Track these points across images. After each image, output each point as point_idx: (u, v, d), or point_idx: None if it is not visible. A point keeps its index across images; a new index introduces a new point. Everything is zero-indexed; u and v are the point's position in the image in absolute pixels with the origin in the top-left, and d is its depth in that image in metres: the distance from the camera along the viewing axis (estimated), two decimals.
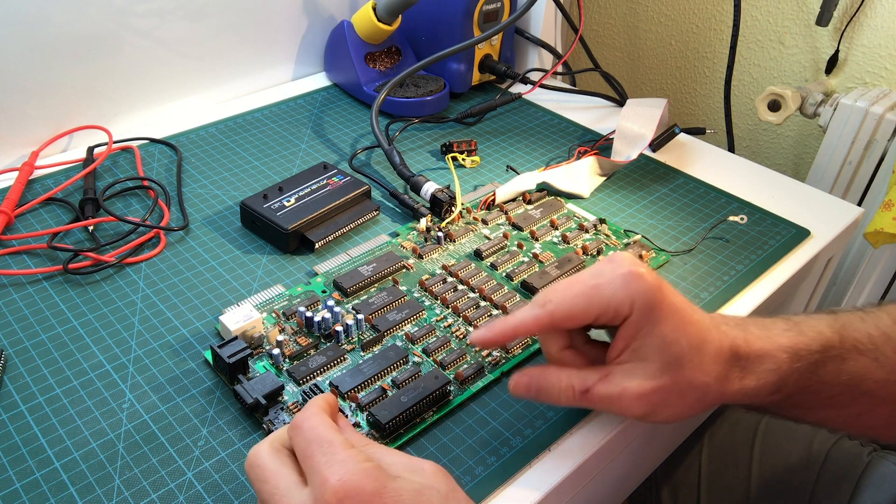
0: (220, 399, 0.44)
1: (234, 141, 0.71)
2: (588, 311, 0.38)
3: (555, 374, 0.40)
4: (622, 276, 0.38)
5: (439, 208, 0.59)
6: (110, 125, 0.70)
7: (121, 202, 0.61)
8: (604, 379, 0.39)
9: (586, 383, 0.39)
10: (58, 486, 0.39)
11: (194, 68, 0.75)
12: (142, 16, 0.69)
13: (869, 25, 0.84)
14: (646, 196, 0.65)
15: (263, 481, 0.32)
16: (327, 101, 0.79)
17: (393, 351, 0.46)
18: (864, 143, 0.81)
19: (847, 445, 0.58)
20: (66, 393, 0.44)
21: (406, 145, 0.71)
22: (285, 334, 0.48)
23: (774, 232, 0.61)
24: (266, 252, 0.56)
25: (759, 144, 1.00)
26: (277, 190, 0.59)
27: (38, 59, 0.64)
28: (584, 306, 0.38)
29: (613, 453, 0.45)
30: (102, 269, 0.53)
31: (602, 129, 0.76)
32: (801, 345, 0.40)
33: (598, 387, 0.39)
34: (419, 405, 0.42)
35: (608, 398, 0.39)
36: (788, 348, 0.40)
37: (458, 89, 0.80)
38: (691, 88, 1.04)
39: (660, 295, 0.38)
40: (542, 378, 0.40)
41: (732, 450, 0.61)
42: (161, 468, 0.40)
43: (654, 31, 1.04)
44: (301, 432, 0.33)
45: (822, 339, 0.41)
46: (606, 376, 0.39)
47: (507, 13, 0.79)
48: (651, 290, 0.38)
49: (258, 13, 0.77)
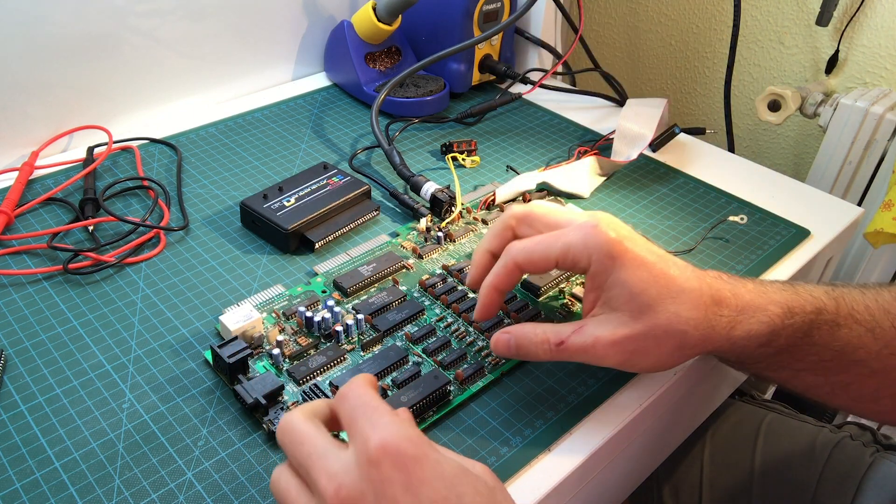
0: (220, 399, 0.44)
1: (234, 141, 0.71)
2: (547, 257, 0.41)
3: (531, 328, 0.42)
4: (580, 227, 0.40)
5: (439, 208, 0.59)
6: (110, 125, 0.70)
7: (121, 202, 0.61)
8: (578, 330, 0.41)
9: (561, 335, 0.41)
10: (58, 486, 0.39)
11: (194, 68, 0.75)
12: (142, 16, 0.69)
13: (869, 25, 0.84)
14: (646, 196, 0.65)
15: (299, 443, 0.32)
16: (327, 101, 0.79)
17: (393, 351, 0.46)
18: (864, 143, 0.81)
19: (850, 445, 0.58)
20: (66, 393, 0.44)
21: (406, 145, 0.71)
22: (285, 334, 0.48)
23: (774, 232, 0.61)
24: (266, 252, 0.56)
25: (759, 144, 1.00)
26: (277, 190, 0.59)
27: (38, 59, 0.64)
28: (543, 252, 0.41)
29: (614, 452, 0.45)
30: (102, 269, 0.53)
31: (602, 129, 0.76)
32: (795, 303, 0.41)
33: (572, 338, 0.40)
34: (419, 405, 0.42)
35: (583, 348, 0.40)
36: (782, 304, 0.40)
37: (458, 89, 0.80)
38: (691, 88, 1.04)
39: (619, 247, 0.39)
40: (520, 334, 0.42)
41: (734, 449, 0.61)
42: (161, 468, 0.40)
43: (654, 31, 1.04)
44: (347, 399, 0.33)
45: (817, 303, 0.41)
46: (580, 328, 0.41)
47: (507, 13, 0.79)
48: (608, 242, 0.39)
49: (258, 13, 0.77)
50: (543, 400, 0.45)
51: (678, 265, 0.41)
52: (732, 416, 0.64)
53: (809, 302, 0.41)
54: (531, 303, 0.51)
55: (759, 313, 0.40)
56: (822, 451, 0.58)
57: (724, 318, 0.39)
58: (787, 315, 0.40)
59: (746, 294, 0.40)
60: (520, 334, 0.42)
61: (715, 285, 0.40)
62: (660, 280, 0.39)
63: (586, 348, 0.40)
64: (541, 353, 0.42)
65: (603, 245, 0.39)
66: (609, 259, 0.39)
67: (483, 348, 0.47)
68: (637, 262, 0.39)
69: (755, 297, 0.40)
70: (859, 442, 0.59)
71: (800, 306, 0.41)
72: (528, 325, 0.43)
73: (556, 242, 0.41)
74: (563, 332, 0.41)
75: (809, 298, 0.41)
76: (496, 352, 0.44)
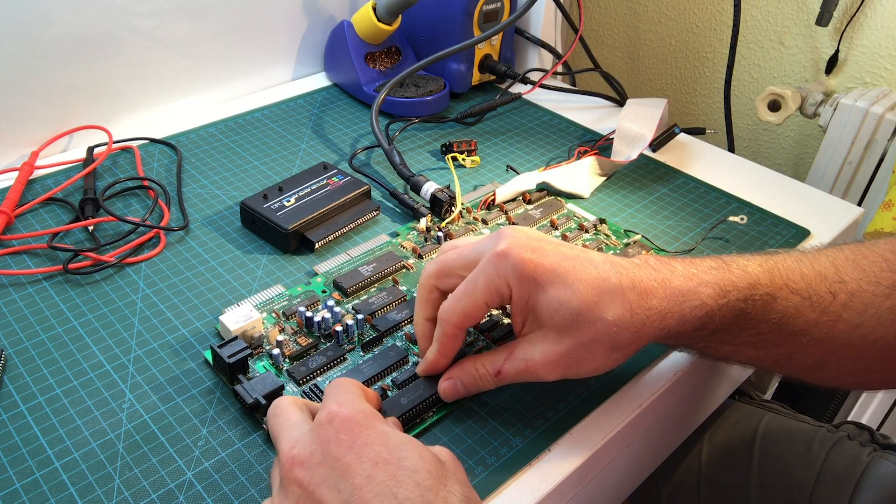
0: (220, 399, 0.44)
1: (234, 141, 0.71)
2: (475, 304, 0.40)
3: (470, 365, 0.42)
4: (488, 260, 0.40)
5: (439, 208, 0.59)
6: (110, 125, 0.70)
7: (121, 202, 0.61)
8: (509, 357, 0.41)
9: (496, 365, 0.41)
10: (58, 486, 0.39)
11: (194, 68, 0.75)
12: (142, 16, 0.69)
13: (869, 25, 0.84)
14: (646, 196, 0.65)
15: (274, 416, 0.37)
16: (327, 101, 0.79)
17: (393, 351, 0.46)
18: (864, 143, 0.81)
19: (847, 445, 0.58)
20: (66, 393, 0.44)
21: (406, 145, 0.71)
22: (285, 334, 0.48)
23: (774, 232, 0.61)
24: (266, 252, 0.56)
25: (759, 144, 1.00)
26: (277, 190, 0.59)
27: (38, 59, 0.64)
28: (470, 302, 0.40)
29: (613, 453, 0.45)
30: (102, 269, 0.53)
31: (602, 129, 0.76)
32: (728, 281, 0.40)
33: (505, 366, 0.41)
34: (419, 406, 0.42)
35: (518, 373, 0.40)
36: (713, 284, 0.39)
37: (458, 89, 0.80)
38: (691, 88, 1.04)
39: (531, 265, 0.39)
40: (462, 374, 0.42)
41: (732, 450, 0.61)
42: (161, 468, 0.40)
43: (654, 31, 1.04)
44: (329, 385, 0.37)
45: (750, 277, 0.40)
46: (511, 353, 0.41)
47: (507, 13, 0.79)
48: (518, 263, 0.39)
49: (258, 13, 0.77)
50: (543, 400, 0.45)
51: (595, 263, 0.39)
52: (731, 416, 0.64)
53: (742, 278, 0.40)
54: None
55: (691, 298, 0.39)
56: (820, 450, 0.58)
57: (654, 309, 0.38)
58: (719, 295, 0.39)
59: (675, 280, 0.39)
60: (461, 374, 0.42)
61: (639, 276, 0.39)
62: (578, 289, 0.38)
63: (521, 372, 0.40)
64: (485, 385, 0.42)
65: (515, 269, 0.39)
66: (524, 281, 0.39)
67: (483, 348, 0.47)
68: (551, 276, 0.38)
69: (684, 281, 0.39)
70: (857, 441, 0.59)
71: (732, 284, 0.39)
72: (466, 364, 0.42)
73: (476, 288, 0.40)
74: (496, 361, 0.41)
75: (741, 274, 0.40)
76: (447, 399, 0.43)
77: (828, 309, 0.40)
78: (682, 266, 0.40)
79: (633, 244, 0.57)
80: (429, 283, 0.43)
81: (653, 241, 0.59)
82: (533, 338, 0.40)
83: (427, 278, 0.43)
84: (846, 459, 0.57)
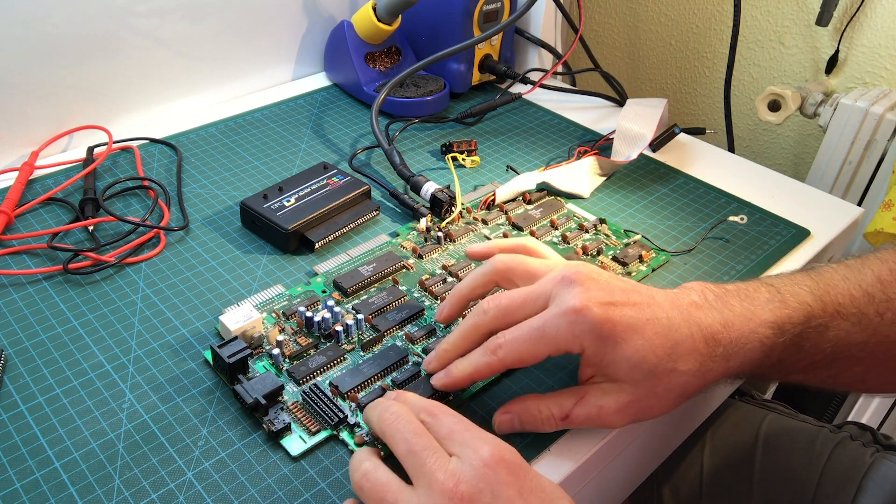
0: (220, 399, 0.44)
1: (234, 141, 0.71)
2: (536, 354, 0.39)
3: (534, 404, 0.41)
4: (563, 315, 0.38)
5: (439, 208, 0.59)
6: (110, 125, 0.70)
7: (121, 202, 0.61)
8: (580, 402, 0.40)
9: (564, 409, 0.40)
10: (58, 486, 0.39)
11: (194, 68, 0.75)
12: (142, 16, 0.69)
13: (869, 25, 0.84)
14: (646, 196, 0.65)
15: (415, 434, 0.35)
16: (327, 101, 0.79)
17: (393, 351, 0.46)
18: (864, 143, 0.81)
19: (850, 446, 0.58)
20: (66, 393, 0.44)
21: (406, 145, 0.71)
22: (285, 334, 0.48)
23: (774, 232, 0.61)
24: (266, 252, 0.56)
25: (759, 144, 1.00)
26: (277, 190, 0.59)
27: (38, 59, 0.64)
28: (532, 350, 0.39)
29: (614, 453, 0.45)
30: (102, 269, 0.53)
31: (602, 129, 0.76)
32: (785, 317, 0.40)
33: (575, 410, 0.40)
34: None
35: (588, 419, 0.40)
36: (772, 323, 0.40)
37: (458, 89, 0.80)
38: (691, 88, 1.04)
39: (609, 325, 0.38)
40: (523, 412, 0.41)
41: (735, 449, 0.61)
42: (161, 468, 0.40)
43: (654, 31, 1.04)
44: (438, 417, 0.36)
45: (805, 310, 0.40)
46: (582, 398, 0.40)
47: (507, 13, 0.79)
48: (597, 324, 0.38)
49: (258, 13, 0.77)
50: None
51: (663, 308, 0.39)
52: (732, 416, 0.64)
53: (797, 310, 0.40)
54: None
55: (752, 340, 0.39)
56: (822, 451, 0.58)
57: (720, 357, 0.39)
58: (778, 335, 0.40)
59: (736, 321, 0.39)
60: (522, 412, 0.41)
61: (704, 322, 0.39)
62: (654, 342, 0.38)
63: (591, 418, 0.40)
64: (547, 427, 0.41)
65: (592, 329, 0.38)
66: (601, 341, 0.38)
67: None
68: (628, 332, 0.38)
69: (744, 322, 0.39)
70: (859, 442, 0.59)
71: (789, 319, 0.40)
72: (529, 401, 0.41)
73: (542, 340, 0.39)
74: (565, 405, 0.40)
75: (797, 306, 0.40)
76: (500, 432, 0.42)
77: (877, 330, 0.41)
78: (739, 303, 0.40)
79: (633, 244, 0.57)
80: (491, 269, 0.44)
81: (653, 241, 0.59)
82: (606, 387, 0.40)
83: (493, 265, 0.43)
84: (849, 460, 0.57)
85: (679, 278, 0.55)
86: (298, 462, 0.40)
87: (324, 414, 0.42)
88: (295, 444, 0.41)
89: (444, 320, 0.47)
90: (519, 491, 0.32)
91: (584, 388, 0.40)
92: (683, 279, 0.55)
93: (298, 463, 0.40)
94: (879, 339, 0.41)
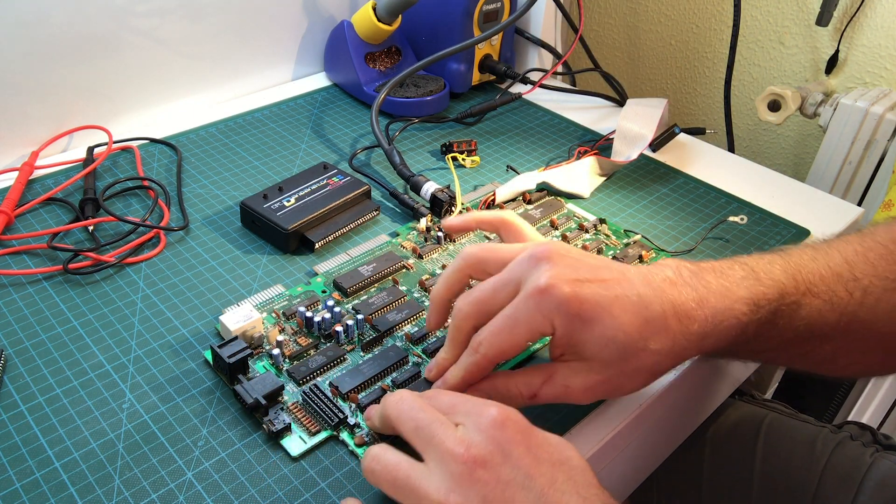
0: (220, 399, 0.44)
1: (234, 141, 0.71)
2: (515, 344, 0.39)
3: (503, 382, 0.41)
4: (531, 297, 0.38)
5: (439, 208, 0.59)
6: (110, 125, 0.70)
7: (121, 202, 0.61)
8: (548, 381, 0.39)
9: (532, 388, 0.40)
10: (58, 486, 0.39)
11: (194, 68, 0.75)
12: (142, 16, 0.69)
13: (869, 25, 0.84)
14: (646, 196, 0.65)
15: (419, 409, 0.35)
16: (327, 101, 0.79)
17: (393, 351, 0.46)
18: (864, 143, 0.81)
19: (850, 446, 0.58)
20: (66, 393, 0.44)
21: (406, 145, 0.71)
22: (285, 334, 0.48)
23: (774, 232, 0.61)
24: (266, 252, 0.56)
25: (759, 144, 1.00)
26: (277, 190, 0.59)
27: (38, 59, 0.64)
28: (510, 340, 0.39)
29: (613, 452, 0.45)
30: (102, 269, 0.53)
31: (602, 129, 0.76)
32: (760, 294, 0.40)
33: (543, 390, 0.40)
34: None
35: (555, 396, 0.40)
36: (748, 300, 0.39)
37: (458, 89, 0.80)
38: (691, 88, 1.04)
39: (576, 303, 0.37)
40: (492, 391, 0.41)
41: (735, 449, 0.61)
42: (161, 468, 0.40)
43: (654, 31, 1.04)
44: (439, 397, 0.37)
45: (778, 287, 0.40)
46: (550, 377, 0.39)
47: (507, 13, 0.79)
48: (563, 301, 0.37)
49: (258, 13, 0.77)
50: None
51: (634, 284, 0.38)
52: (732, 416, 0.64)
53: (772, 288, 0.40)
54: None
55: (728, 317, 0.39)
56: (823, 451, 0.58)
57: (694, 334, 0.38)
58: (753, 311, 0.39)
59: (711, 297, 0.39)
60: (490, 390, 0.41)
61: (678, 299, 0.38)
62: (623, 322, 0.37)
63: (558, 396, 0.39)
64: (516, 404, 0.40)
65: (559, 308, 0.37)
66: (569, 319, 0.37)
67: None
68: (597, 311, 0.37)
69: (720, 299, 0.39)
70: (859, 442, 0.59)
71: (763, 296, 0.40)
72: (498, 379, 0.41)
73: (516, 327, 0.38)
74: (533, 384, 0.40)
75: (770, 283, 0.40)
76: None
77: (846, 309, 0.41)
78: (715, 279, 0.40)
79: (633, 244, 0.57)
80: (462, 264, 0.43)
81: (653, 241, 0.59)
82: (575, 365, 0.39)
83: (462, 259, 0.43)
84: (849, 460, 0.57)
85: None
86: (298, 462, 0.40)
87: (324, 414, 0.42)
88: (295, 445, 0.41)
89: (432, 328, 0.47)
90: (528, 447, 0.33)
91: (553, 366, 0.40)
92: None
93: (298, 463, 0.40)
94: (850, 318, 0.41)
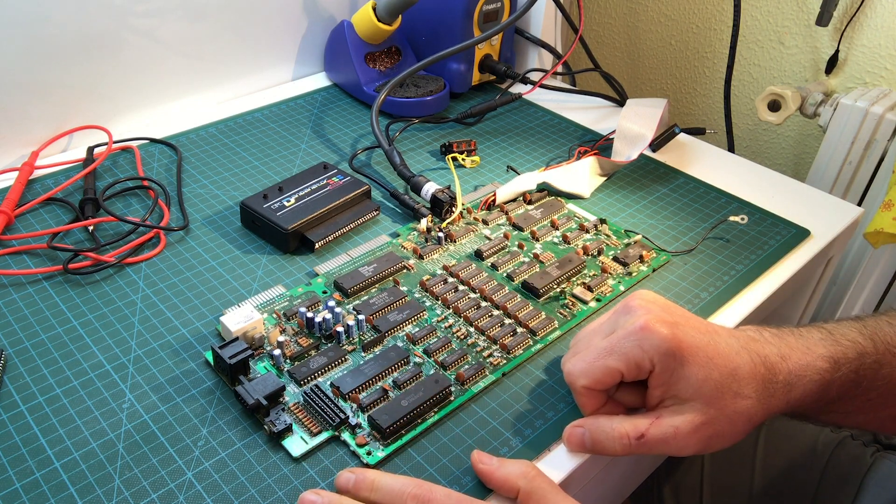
0: (221, 399, 0.44)
1: (234, 141, 0.71)
2: (611, 376, 0.40)
3: (607, 423, 0.41)
4: (633, 333, 0.40)
5: (440, 208, 0.59)
6: (110, 125, 0.70)
7: (121, 202, 0.61)
8: (655, 422, 0.40)
9: (639, 429, 0.40)
10: (58, 486, 0.38)
11: (194, 68, 0.75)
12: (142, 16, 0.69)
13: (869, 25, 0.84)
14: (646, 196, 0.65)
15: None
16: (327, 101, 0.79)
17: (394, 351, 0.46)
18: (864, 143, 0.81)
19: (851, 446, 0.58)
20: (66, 393, 0.44)
21: (406, 145, 0.71)
22: (286, 335, 0.48)
23: (774, 232, 0.61)
24: (266, 252, 0.56)
25: (759, 144, 1.00)
26: (277, 190, 0.59)
27: (38, 59, 0.64)
28: (605, 373, 0.40)
29: None
30: (102, 269, 0.53)
31: (602, 129, 0.76)
32: (839, 353, 0.41)
33: (651, 430, 0.40)
34: (420, 408, 0.42)
35: (663, 440, 0.40)
36: (827, 357, 0.41)
37: (458, 89, 0.80)
38: (691, 88, 1.04)
39: (675, 343, 0.39)
40: (595, 429, 0.41)
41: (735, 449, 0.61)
42: (161, 468, 0.40)
43: (654, 31, 1.04)
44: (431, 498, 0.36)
45: (857, 347, 0.42)
46: (657, 419, 0.40)
47: (507, 13, 0.79)
48: (665, 341, 0.39)
49: (258, 13, 0.77)
50: (543, 400, 0.45)
51: (724, 337, 0.41)
52: None
53: (850, 348, 0.42)
54: (532, 304, 0.51)
55: (811, 372, 0.41)
56: (824, 450, 0.58)
57: (780, 384, 0.40)
58: (834, 369, 0.41)
59: (793, 354, 0.41)
60: (594, 429, 0.41)
61: (762, 352, 0.41)
62: (717, 362, 0.39)
63: (667, 439, 0.40)
64: (618, 448, 0.40)
65: (660, 346, 0.39)
66: (669, 357, 0.39)
67: (484, 349, 0.47)
68: (693, 350, 0.39)
69: (801, 355, 0.41)
70: (860, 441, 0.59)
71: (844, 356, 0.41)
72: (601, 419, 0.41)
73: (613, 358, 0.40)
74: (640, 425, 0.40)
75: (849, 344, 0.42)
76: (570, 448, 0.42)
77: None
78: (795, 339, 0.42)
79: (634, 244, 0.57)
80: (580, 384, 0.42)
81: (653, 241, 0.59)
82: (677, 408, 0.40)
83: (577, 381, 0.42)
84: (850, 459, 0.57)
85: (679, 278, 0.55)
86: (298, 462, 0.40)
87: (325, 415, 0.42)
88: (296, 445, 0.41)
89: None
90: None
91: (658, 410, 0.41)
92: (684, 279, 0.55)
93: (298, 463, 0.40)
94: None
